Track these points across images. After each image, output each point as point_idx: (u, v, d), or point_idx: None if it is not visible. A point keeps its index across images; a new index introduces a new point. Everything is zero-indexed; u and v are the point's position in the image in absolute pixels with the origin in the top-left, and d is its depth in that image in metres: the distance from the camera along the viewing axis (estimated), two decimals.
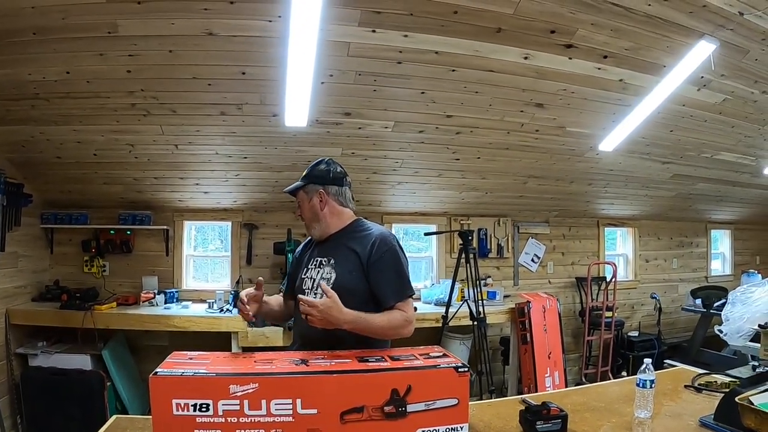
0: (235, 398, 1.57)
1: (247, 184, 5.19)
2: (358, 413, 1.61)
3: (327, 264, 2.23)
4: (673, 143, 5.27)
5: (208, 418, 1.56)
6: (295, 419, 1.58)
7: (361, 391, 1.62)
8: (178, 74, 3.60)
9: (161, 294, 5.13)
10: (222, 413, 1.56)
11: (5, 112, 3.92)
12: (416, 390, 1.64)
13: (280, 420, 1.58)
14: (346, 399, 1.61)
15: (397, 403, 1.62)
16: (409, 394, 1.63)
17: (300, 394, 1.59)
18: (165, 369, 1.62)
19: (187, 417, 1.56)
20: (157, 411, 1.56)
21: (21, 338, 4.74)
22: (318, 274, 2.22)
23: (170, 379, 1.58)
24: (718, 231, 8.19)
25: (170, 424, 1.56)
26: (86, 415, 4.43)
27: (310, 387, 1.61)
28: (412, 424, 1.64)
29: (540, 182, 5.69)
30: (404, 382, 1.63)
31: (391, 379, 1.64)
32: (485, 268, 6.22)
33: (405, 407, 1.63)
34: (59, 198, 5.20)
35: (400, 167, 5.08)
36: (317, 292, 2.17)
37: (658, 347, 6.27)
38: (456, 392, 1.68)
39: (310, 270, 2.27)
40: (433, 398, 1.65)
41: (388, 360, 1.77)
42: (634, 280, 7.21)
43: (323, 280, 2.18)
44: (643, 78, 4.07)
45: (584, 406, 2.13)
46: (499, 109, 4.28)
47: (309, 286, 2.24)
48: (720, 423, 1.81)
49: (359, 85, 3.82)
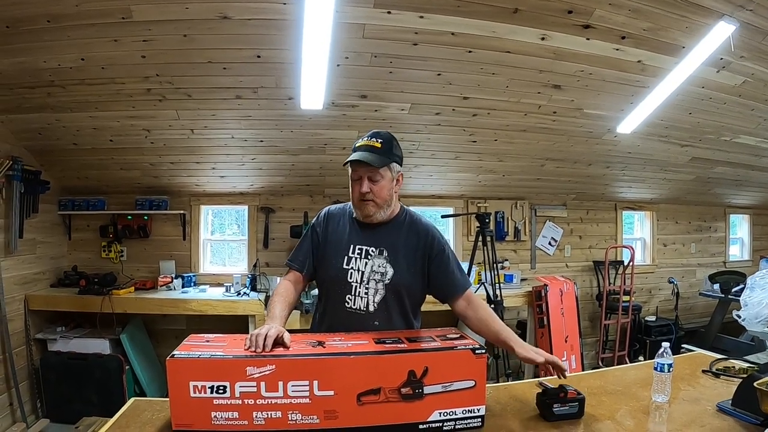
0: (252, 380, 1.58)
1: (263, 168, 5.20)
2: (374, 395, 1.61)
3: (378, 255, 2.11)
4: (692, 126, 5.19)
5: (225, 400, 1.58)
6: (311, 401, 1.60)
7: (377, 372, 1.62)
8: (193, 58, 3.59)
9: (178, 278, 5.19)
10: (239, 395, 1.58)
11: (21, 100, 3.95)
12: (433, 372, 1.65)
13: (297, 402, 1.59)
14: (362, 381, 1.61)
15: (414, 384, 1.62)
16: (426, 375, 1.64)
17: (317, 376, 1.60)
18: (182, 351, 1.65)
19: (205, 399, 1.58)
20: (174, 393, 1.59)
21: (40, 324, 4.81)
22: (367, 267, 2.09)
23: (187, 362, 1.60)
24: (736, 216, 8.07)
25: (188, 406, 1.58)
26: (105, 398, 4.50)
27: (326, 369, 1.61)
28: (428, 405, 1.65)
29: (557, 165, 5.65)
30: (421, 364, 1.64)
31: (408, 360, 1.65)
32: (502, 252, 6.20)
33: (422, 389, 1.64)
34: (76, 184, 5.25)
35: (417, 150, 5.05)
36: (370, 288, 2.09)
37: (675, 332, 6.24)
38: (473, 374, 1.68)
39: (355, 260, 2.11)
40: (450, 380, 1.66)
41: (405, 342, 1.78)
42: (652, 264, 7.15)
43: (375, 274, 2.09)
44: (662, 59, 3.99)
45: (601, 389, 2.12)
46: (516, 91, 4.24)
47: (357, 280, 2.09)
48: (738, 408, 1.80)
49: (375, 67, 3.79)
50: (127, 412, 1.86)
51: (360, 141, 2.10)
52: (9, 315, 4.31)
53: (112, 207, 5.37)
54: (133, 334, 4.94)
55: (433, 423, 1.67)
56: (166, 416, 1.76)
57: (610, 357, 6.15)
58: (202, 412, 1.58)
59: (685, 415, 1.83)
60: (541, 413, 1.84)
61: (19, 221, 4.43)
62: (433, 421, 1.66)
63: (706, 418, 1.80)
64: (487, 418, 1.78)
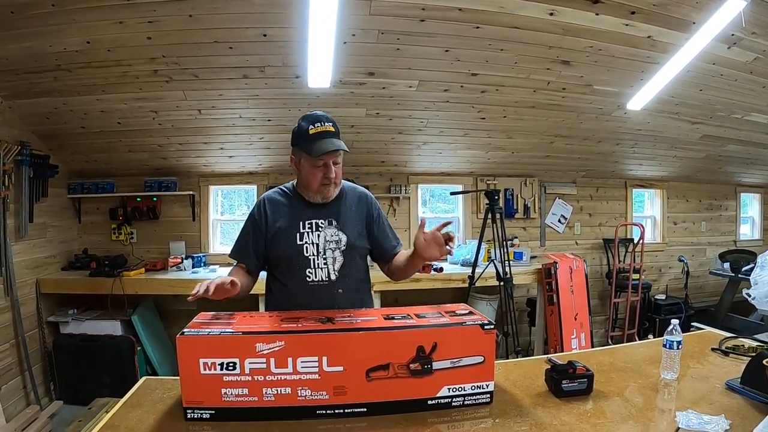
0: (261, 356, 1.59)
1: (271, 147, 5.20)
2: (383, 371, 1.62)
3: (329, 226, 2.16)
4: (702, 103, 5.13)
5: (235, 377, 1.59)
6: (321, 377, 1.60)
7: (386, 348, 1.63)
8: (199, 39, 3.57)
9: (188, 259, 5.22)
10: (249, 371, 1.59)
11: (28, 85, 3.96)
12: (442, 347, 1.65)
13: (307, 378, 1.60)
14: (371, 356, 1.62)
15: (422, 360, 1.63)
16: (435, 351, 1.64)
17: (326, 352, 1.60)
18: (192, 329, 1.65)
19: (215, 376, 1.59)
20: (185, 371, 1.60)
21: (52, 307, 4.85)
22: (321, 238, 2.14)
23: (197, 339, 1.60)
24: (747, 194, 7.99)
25: (198, 383, 1.59)
26: (117, 379, 4.56)
27: (335, 344, 1.62)
28: (438, 381, 1.66)
29: (567, 142, 5.61)
30: (430, 340, 1.64)
31: (416, 336, 1.65)
32: (512, 229, 6.21)
33: (431, 364, 1.64)
34: (85, 168, 5.27)
35: (425, 127, 5.03)
36: (328, 257, 2.14)
37: (684, 311, 6.21)
38: (482, 350, 1.69)
39: (307, 234, 2.14)
40: (458, 356, 1.67)
41: (414, 317, 1.77)
42: (662, 242, 7.12)
43: (330, 243, 2.14)
44: (672, 35, 3.93)
45: (610, 366, 2.12)
46: (524, 67, 4.19)
47: (313, 252, 2.13)
48: (746, 386, 1.79)
49: (382, 44, 3.75)
50: (139, 391, 1.88)
51: (313, 128, 2.08)
52: (21, 299, 4.35)
53: (122, 189, 5.40)
54: (144, 315, 4.98)
55: (442, 399, 1.67)
56: (177, 395, 1.77)
57: (620, 335, 6.15)
58: (212, 389, 1.59)
59: (694, 393, 1.82)
60: (550, 389, 1.84)
61: (28, 206, 4.46)
62: (442, 396, 1.67)
63: (714, 395, 1.79)
64: (496, 394, 1.78)
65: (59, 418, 4.23)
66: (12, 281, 4.23)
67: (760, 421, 1.28)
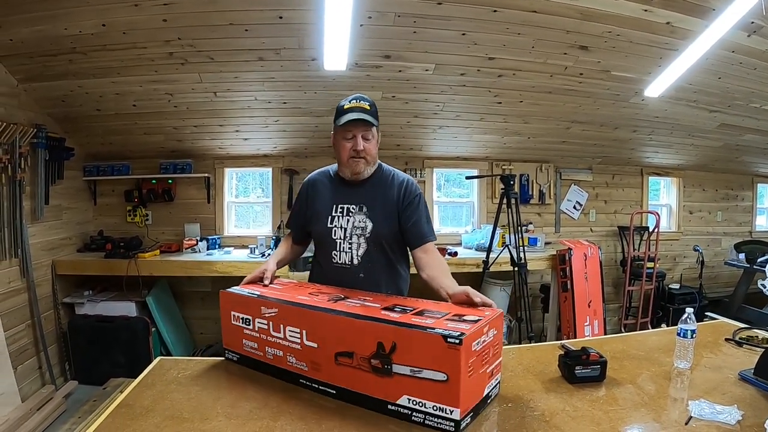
0: (264, 318, 1.83)
1: (287, 130, 5.19)
2: (349, 358, 1.62)
3: (359, 212, 2.23)
4: (721, 91, 5.04)
5: (250, 332, 1.88)
6: (302, 348, 1.74)
7: (350, 336, 1.61)
8: (215, 21, 3.56)
9: (203, 241, 5.25)
10: (257, 329, 1.86)
11: (43, 68, 3.97)
12: (402, 350, 1.50)
13: (292, 346, 1.76)
14: (339, 341, 1.64)
15: (382, 358, 1.54)
16: (394, 352, 1.52)
17: (305, 326, 1.73)
18: (234, 288, 2.01)
19: (239, 328, 1.91)
20: (224, 319, 1.97)
21: (67, 288, 4.91)
22: (349, 223, 2.23)
23: (230, 295, 1.95)
24: (765, 185, 7.87)
25: (230, 332, 1.96)
26: (132, 359, 4.62)
27: (312, 321, 1.72)
28: (398, 386, 1.52)
29: (583, 128, 5.55)
30: (390, 338, 1.52)
31: (377, 330, 1.56)
32: (526, 215, 6.19)
33: (390, 365, 1.53)
34: (101, 150, 5.30)
35: (442, 111, 5.00)
36: (353, 243, 2.22)
37: (699, 301, 6.16)
38: (444, 366, 1.42)
39: (337, 218, 2.25)
40: (419, 365, 1.47)
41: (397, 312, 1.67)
42: (677, 231, 7.05)
43: (357, 229, 2.22)
44: (692, 21, 3.85)
45: (623, 353, 2.13)
46: (542, 52, 4.14)
47: (340, 237, 2.24)
48: (760, 378, 1.79)
49: (399, 27, 3.71)
50: (154, 371, 1.91)
51: (347, 103, 2.18)
52: (37, 280, 4.39)
53: (137, 171, 5.43)
54: (158, 296, 5.02)
55: (402, 408, 1.52)
56: (192, 374, 1.84)
57: (633, 323, 6.13)
58: (238, 338, 1.93)
59: (707, 383, 1.82)
60: (563, 375, 1.85)
61: (44, 188, 4.50)
62: (402, 405, 1.52)
63: (727, 386, 1.79)
64: (509, 378, 1.79)
65: (74, 398, 4.31)
66: (28, 263, 4.27)
67: None
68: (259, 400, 1.67)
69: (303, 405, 1.63)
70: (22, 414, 3.70)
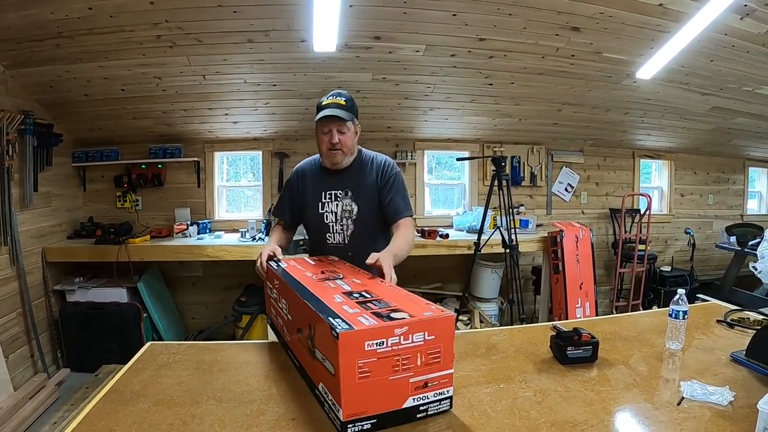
0: (276, 290, 1.98)
1: (276, 113, 5.16)
2: (299, 334, 1.64)
3: (345, 196, 2.47)
4: (713, 74, 5.02)
5: (273, 301, 2.06)
6: (291, 318, 1.79)
7: (302, 314, 1.61)
8: (203, 2, 3.50)
9: (194, 225, 5.22)
10: (274, 299, 2.03)
11: (30, 54, 3.91)
12: (318, 335, 1.44)
13: (286, 317, 1.84)
14: (297, 317, 1.69)
15: (310, 340, 1.51)
16: (314, 337, 1.47)
17: (287, 300, 1.81)
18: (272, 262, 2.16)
19: (271, 297, 2.11)
20: (266, 291, 2.19)
21: (58, 275, 4.88)
22: (338, 207, 2.47)
23: (270, 270, 2.09)
24: (756, 169, 7.88)
25: (269, 300, 2.16)
26: (124, 346, 4.61)
27: (287, 295, 1.80)
28: (318, 372, 1.45)
29: (575, 110, 5.54)
30: (314, 321, 1.46)
31: (307, 312, 1.50)
32: (518, 197, 6.19)
33: (314, 349, 1.47)
34: (89, 136, 5.25)
35: (432, 92, 4.97)
36: (344, 224, 2.47)
37: (690, 283, 6.17)
38: (333, 358, 1.31)
39: (327, 204, 2.48)
40: (323, 353, 1.39)
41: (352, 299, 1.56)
42: (669, 214, 7.07)
43: (345, 212, 2.46)
44: (684, 3, 3.82)
45: (615, 335, 2.15)
46: (533, 33, 4.11)
47: (332, 220, 2.48)
48: (752, 359, 1.80)
49: (389, 8, 3.68)
50: (144, 356, 1.92)
51: (325, 100, 2.39)
52: (27, 268, 4.36)
53: (126, 157, 5.38)
54: (149, 282, 5.01)
55: (319, 394, 1.47)
56: (182, 359, 1.85)
57: (624, 305, 6.16)
58: (271, 305, 2.13)
59: (699, 363, 1.83)
60: (555, 356, 1.86)
61: (33, 175, 4.44)
62: (320, 391, 1.46)
63: (719, 367, 1.80)
64: (502, 360, 1.80)
65: (67, 386, 4.30)
66: (18, 250, 4.23)
67: (764, 393, 1.27)
68: (249, 384, 1.68)
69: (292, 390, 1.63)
70: (14, 402, 3.69)
